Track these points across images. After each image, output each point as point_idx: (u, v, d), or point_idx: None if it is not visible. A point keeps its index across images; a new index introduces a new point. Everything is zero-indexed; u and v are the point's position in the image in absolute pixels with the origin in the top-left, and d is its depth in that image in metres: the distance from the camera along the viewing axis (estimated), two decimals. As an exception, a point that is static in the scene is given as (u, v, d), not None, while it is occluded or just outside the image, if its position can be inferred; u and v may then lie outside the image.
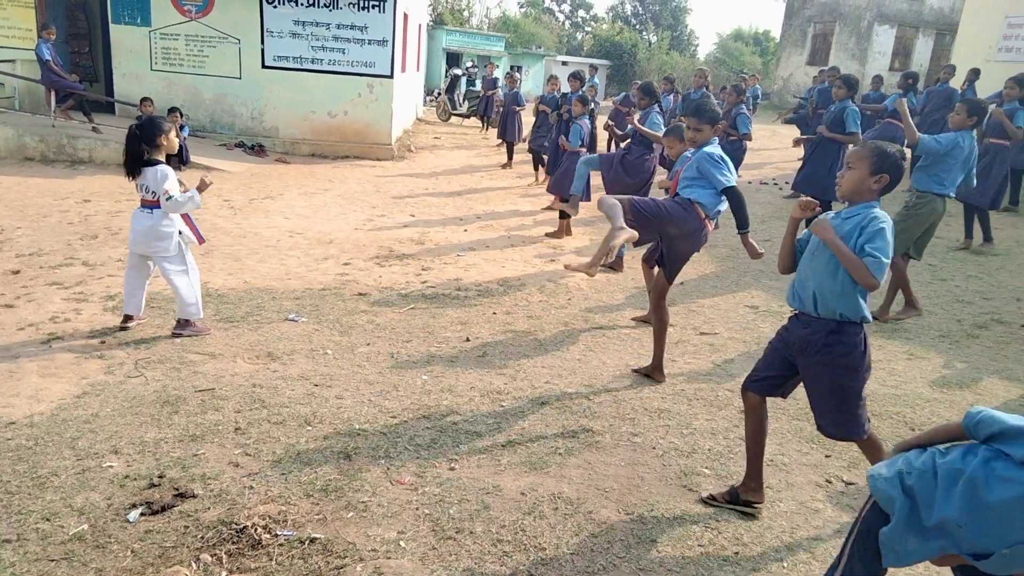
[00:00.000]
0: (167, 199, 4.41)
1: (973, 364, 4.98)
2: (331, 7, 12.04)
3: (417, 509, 2.99)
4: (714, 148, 4.20)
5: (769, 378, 3.05)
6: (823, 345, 2.79)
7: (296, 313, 5.23)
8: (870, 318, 2.81)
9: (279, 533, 2.77)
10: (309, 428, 3.62)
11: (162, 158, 4.52)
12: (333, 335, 4.90)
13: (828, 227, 2.76)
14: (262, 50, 12.17)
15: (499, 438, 3.65)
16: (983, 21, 15.62)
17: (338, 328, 5.03)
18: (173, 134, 4.54)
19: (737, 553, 2.83)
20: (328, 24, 12.12)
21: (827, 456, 3.64)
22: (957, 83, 12.46)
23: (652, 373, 4.49)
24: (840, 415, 2.86)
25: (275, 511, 2.91)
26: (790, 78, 28.99)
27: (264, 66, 12.26)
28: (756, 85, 13.95)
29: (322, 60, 12.30)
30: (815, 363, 2.84)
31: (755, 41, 53.22)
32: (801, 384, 3.01)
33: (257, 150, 12.03)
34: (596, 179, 7.32)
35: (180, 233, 4.59)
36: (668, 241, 4.30)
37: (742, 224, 4.15)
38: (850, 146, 2.91)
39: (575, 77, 9.84)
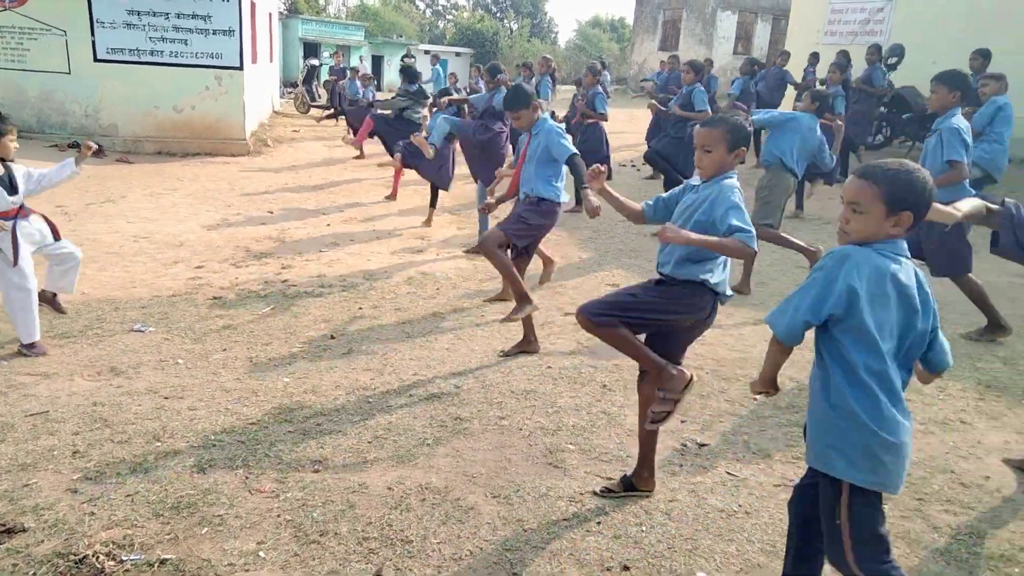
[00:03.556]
0: None
1: (810, 324, 5.40)
2: (168, -5, 11.29)
3: (278, 516, 2.88)
4: (555, 124, 4.57)
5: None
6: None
7: (142, 323, 4.89)
8: (710, 276, 2.87)
9: (125, 559, 2.58)
10: (158, 444, 3.40)
11: None
12: (185, 343, 4.63)
13: (678, 232, 2.64)
14: (93, 42, 11.22)
15: (366, 435, 3.58)
16: (811, 7, 16.85)
17: (190, 335, 4.75)
18: (9, 138, 4.19)
19: (599, 523, 2.92)
20: (167, 14, 11.35)
21: (683, 421, 3.83)
22: (789, 66, 13.41)
23: (526, 347, 4.70)
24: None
25: (120, 536, 2.71)
26: (644, 63, 30.17)
27: (97, 59, 11.31)
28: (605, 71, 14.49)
29: (163, 52, 11.51)
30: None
31: (611, 28, 54.95)
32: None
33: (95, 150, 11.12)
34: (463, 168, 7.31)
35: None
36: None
37: (580, 182, 4.28)
38: (697, 126, 2.91)
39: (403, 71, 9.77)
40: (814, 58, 13.31)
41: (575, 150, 4.41)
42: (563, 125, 5.49)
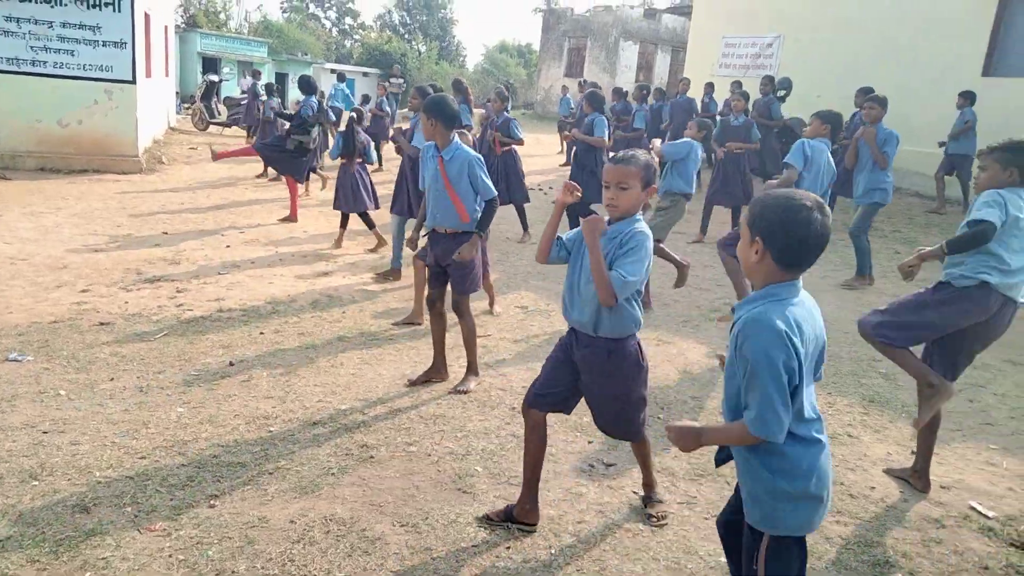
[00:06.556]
0: None
1: (710, 344, 5.60)
2: (52, 3, 10.65)
3: (170, 556, 2.71)
4: (473, 152, 4.37)
5: (552, 394, 2.97)
6: (605, 364, 2.83)
7: (19, 351, 4.54)
8: (641, 322, 2.87)
9: (-7, 612, 2.36)
10: (35, 483, 3.14)
11: None
12: (67, 373, 4.32)
13: (598, 228, 2.69)
14: (-35, 48, 10.46)
15: (267, 466, 3.43)
16: (706, 41, 17.72)
17: (74, 364, 4.44)
18: None
19: (509, 548, 2.91)
20: (50, 22, 10.72)
21: (590, 442, 3.87)
22: (694, 93, 14.16)
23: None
24: (620, 421, 2.96)
25: (-12, 587, 2.48)
26: (551, 89, 30.80)
27: (-30, 67, 10.55)
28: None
29: (46, 62, 10.84)
30: (597, 378, 2.87)
31: (519, 53, 55.87)
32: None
33: (-33, 165, 10.34)
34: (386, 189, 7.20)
35: None
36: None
37: (483, 226, 4.36)
38: (608, 165, 2.88)
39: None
40: (710, 87, 14.15)
41: (496, 192, 4.37)
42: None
